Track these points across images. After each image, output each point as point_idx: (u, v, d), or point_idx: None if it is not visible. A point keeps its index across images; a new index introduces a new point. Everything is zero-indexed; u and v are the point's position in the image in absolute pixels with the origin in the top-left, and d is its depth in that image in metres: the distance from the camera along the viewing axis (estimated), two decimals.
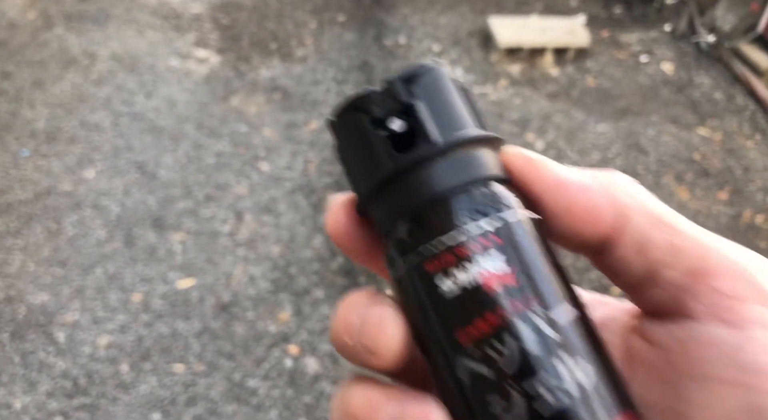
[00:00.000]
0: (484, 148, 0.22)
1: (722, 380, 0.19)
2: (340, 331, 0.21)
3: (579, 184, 0.22)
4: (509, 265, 0.20)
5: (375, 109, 0.21)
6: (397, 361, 0.21)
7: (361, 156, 0.22)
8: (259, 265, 1.56)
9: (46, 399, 1.26)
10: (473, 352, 0.19)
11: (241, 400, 1.29)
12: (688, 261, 0.20)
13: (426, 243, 0.20)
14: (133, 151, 1.87)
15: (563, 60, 2.42)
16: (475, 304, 0.19)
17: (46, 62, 2.20)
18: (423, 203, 0.21)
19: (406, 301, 0.21)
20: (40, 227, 1.61)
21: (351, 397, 0.21)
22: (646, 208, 0.21)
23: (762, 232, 1.76)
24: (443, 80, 0.22)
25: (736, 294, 0.20)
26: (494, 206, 0.20)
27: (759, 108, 2.21)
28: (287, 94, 2.15)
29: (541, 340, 0.19)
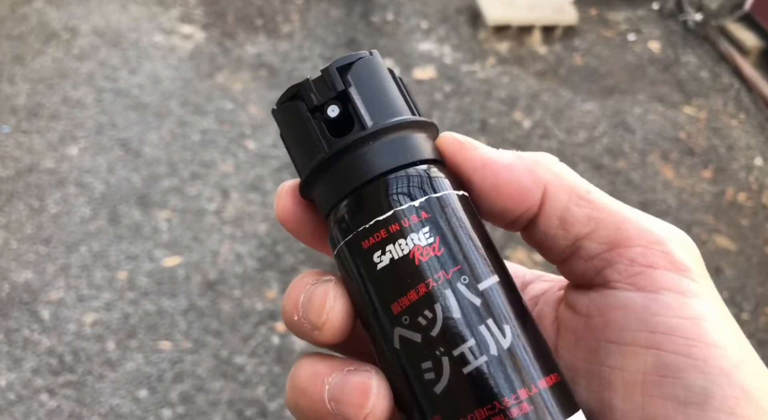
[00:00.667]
0: (416, 132, 0.23)
1: (635, 343, 0.21)
2: (289, 308, 0.22)
3: (503, 163, 0.23)
4: (435, 237, 0.21)
5: (312, 96, 0.22)
6: (340, 335, 0.22)
7: (301, 142, 0.23)
8: (246, 244, 1.55)
9: (32, 376, 1.26)
10: (405, 320, 0.20)
11: (228, 377, 1.29)
12: (605, 233, 0.22)
13: (361, 221, 0.21)
14: (117, 128, 1.84)
15: (551, 38, 2.41)
16: (405, 275, 0.20)
17: (26, 36, 2.16)
18: (357, 185, 0.22)
19: (347, 277, 0.22)
20: (23, 205, 1.59)
21: (299, 371, 0.22)
22: (567, 184, 0.23)
23: (744, 210, 1.78)
24: (377, 68, 0.23)
25: (649, 262, 0.21)
26: (424, 186, 0.21)
27: (744, 87, 2.22)
28: (273, 71, 2.13)
29: (463, 305, 0.20)
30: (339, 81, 0.22)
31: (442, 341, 0.20)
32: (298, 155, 0.24)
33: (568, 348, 0.23)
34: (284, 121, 0.24)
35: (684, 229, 0.24)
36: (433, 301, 0.20)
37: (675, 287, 0.21)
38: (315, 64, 2.18)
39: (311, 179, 0.23)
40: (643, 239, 0.21)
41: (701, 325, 0.20)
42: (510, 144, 1.92)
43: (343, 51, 2.26)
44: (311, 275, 0.23)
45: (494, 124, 1.99)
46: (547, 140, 1.95)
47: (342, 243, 0.22)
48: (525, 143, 1.93)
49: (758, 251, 1.67)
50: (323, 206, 0.23)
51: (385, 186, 0.21)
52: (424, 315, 0.20)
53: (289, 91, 0.23)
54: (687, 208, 1.75)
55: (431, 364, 0.20)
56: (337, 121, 0.22)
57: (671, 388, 0.20)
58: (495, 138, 1.93)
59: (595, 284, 0.22)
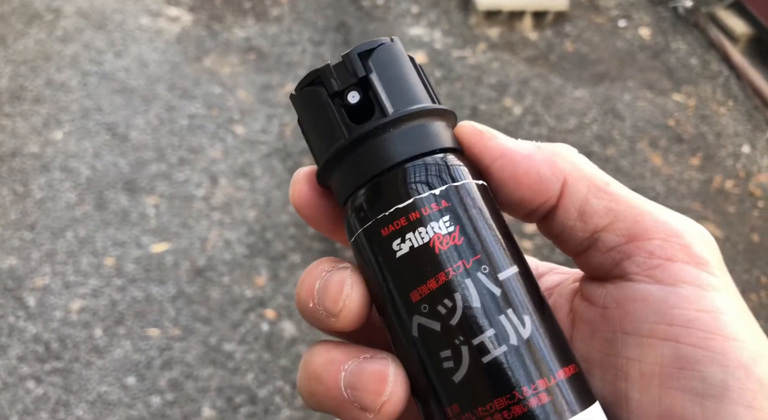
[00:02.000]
0: (436, 120, 0.23)
1: (653, 335, 0.21)
2: (304, 295, 0.22)
3: (523, 153, 0.23)
4: (456, 226, 0.21)
5: (332, 82, 0.22)
6: (356, 322, 0.22)
7: (320, 128, 0.23)
8: (235, 230, 1.54)
9: (18, 363, 1.25)
10: (424, 308, 0.20)
11: (217, 364, 1.29)
12: (623, 225, 0.22)
13: (380, 209, 0.21)
14: (103, 113, 1.81)
15: (542, 24, 2.40)
16: (424, 263, 0.20)
17: (7, 17, 2.11)
18: (377, 172, 0.22)
19: (364, 265, 0.22)
20: (7, 190, 1.57)
21: (313, 357, 0.22)
22: (586, 175, 0.23)
23: (731, 197, 1.79)
24: (398, 55, 0.23)
25: (667, 255, 0.21)
26: (444, 174, 0.21)
27: (733, 74, 2.23)
28: (262, 55, 2.10)
29: (483, 294, 0.20)
30: (360, 67, 0.22)
31: (461, 330, 0.20)
32: (316, 141, 0.23)
33: (583, 339, 0.23)
34: (303, 106, 0.24)
35: None
36: (453, 290, 0.20)
37: (693, 280, 0.21)
38: (304, 48, 2.16)
39: (330, 165, 0.23)
40: (662, 232, 0.21)
41: (720, 318, 0.20)
42: (500, 131, 1.91)
43: (333, 35, 2.23)
44: (327, 262, 0.23)
45: (484, 110, 1.98)
46: (538, 127, 1.95)
47: (360, 230, 0.22)
48: (515, 130, 1.93)
49: (744, 238, 1.68)
50: (341, 193, 0.23)
51: (405, 174, 0.21)
52: (444, 304, 0.20)
53: (309, 76, 0.23)
54: (675, 195, 1.76)
55: (450, 352, 0.20)
56: (357, 107, 0.22)
57: (689, 381, 0.20)
58: (485, 124, 1.92)
59: (613, 276, 0.22)
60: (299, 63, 2.08)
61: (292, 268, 1.47)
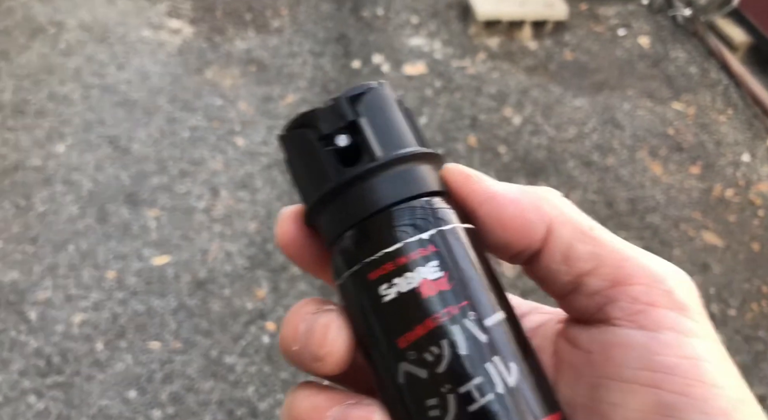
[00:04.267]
0: (424, 164, 0.23)
1: (636, 381, 0.21)
2: (288, 337, 0.22)
3: (509, 197, 0.23)
4: (443, 271, 0.21)
5: (322, 125, 0.22)
6: (341, 367, 0.22)
7: (309, 169, 0.23)
8: (236, 242, 1.55)
9: (19, 378, 1.25)
10: (410, 355, 0.20)
11: (218, 377, 1.29)
12: (608, 270, 0.22)
13: (368, 253, 0.21)
14: (105, 125, 1.82)
15: (541, 33, 2.41)
16: (412, 309, 0.20)
17: (11, 31, 2.13)
18: (365, 215, 0.22)
19: (350, 308, 0.22)
20: (9, 203, 1.58)
21: (296, 402, 0.22)
22: (571, 220, 0.23)
23: (731, 206, 1.79)
24: (386, 99, 0.23)
25: (650, 300, 0.21)
26: (431, 218, 0.21)
27: (732, 82, 2.23)
28: (263, 67, 2.11)
29: (470, 342, 0.20)
30: (350, 111, 0.23)
31: (448, 378, 0.20)
32: (304, 182, 0.24)
33: (568, 383, 0.23)
34: (291, 147, 0.24)
35: (672, 225, 0.24)
36: (441, 337, 0.20)
37: (675, 326, 0.21)
38: (305, 59, 2.17)
39: (317, 207, 0.23)
40: (645, 277, 0.22)
41: (701, 365, 0.20)
42: (500, 141, 1.92)
43: (334, 46, 2.25)
44: (311, 303, 0.22)
45: (484, 120, 1.99)
46: (537, 137, 1.95)
47: (347, 273, 0.22)
48: (515, 140, 1.93)
49: (745, 247, 1.68)
50: (328, 235, 0.23)
51: (392, 217, 0.21)
52: (431, 351, 0.20)
53: (299, 119, 0.23)
54: (675, 205, 1.76)
55: (437, 401, 0.20)
56: (345, 150, 0.23)
57: None
58: (485, 135, 1.93)
59: (597, 320, 0.23)
60: (300, 74, 2.10)
61: (292, 279, 1.48)
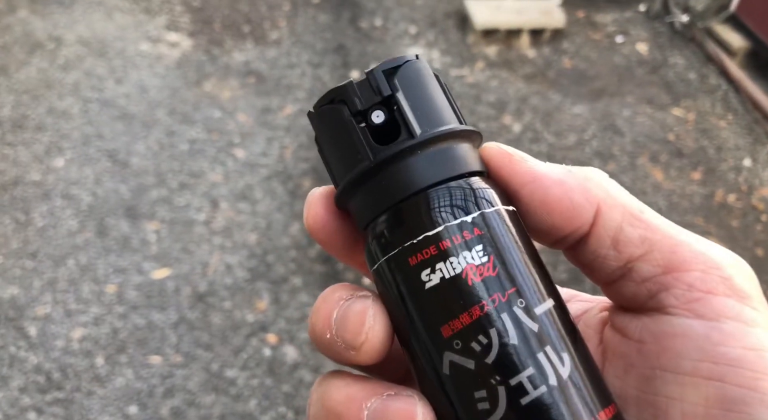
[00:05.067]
0: (464, 142, 0.22)
1: (696, 373, 0.20)
2: (319, 325, 0.20)
3: (555, 178, 0.22)
4: (488, 256, 0.19)
5: (356, 100, 0.21)
6: (379, 356, 0.20)
7: (341, 148, 0.22)
8: (236, 254, 1.54)
9: (19, 394, 1.24)
10: (456, 344, 0.19)
11: (219, 391, 1.28)
12: (660, 255, 0.21)
13: (407, 236, 0.20)
14: (104, 139, 1.82)
15: (539, 41, 2.41)
16: (457, 295, 0.19)
17: (10, 47, 2.13)
18: (403, 196, 0.20)
19: (388, 295, 0.21)
20: (8, 218, 1.57)
21: (330, 392, 0.20)
22: (620, 202, 0.22)
23: (734, 212, 1.78)
24: (424, 73, 0.22)
25: (708, 288, 0.20)
26: (474, 200, 0.20)
27: (731, 88, 2.23)
28: (261, 78, 2.11)
29: (520, 330, 0.19)
30: (386, 85, 0.21)
31: (498, 369, 0.19)
32: (336, 162, 0.22)
33: (617, 374, 0.22)
34: (323, 125, 0.22)
35: None
36: (489, 325, 0.19)
37: (736, 315, 0.20)
38: (303, 70, 2.17)
39: (351, 188, 0.21)
40: (701, 263, 0.21)
41: (766, 356, 0.19)
42: None
43: (332, 57, 2.25)
44: (343, 289, 0.21)
45: (484, 128, 1.99)
46: (537, 144, 1.95)
47: (384, 258, 0.21)
48: (515, 147, 1.92)
49: (748, 253, 1.67)
50: (362, 217, 0.22)
51: (434, 199, 0.20)
52: (479, 340, 0.19)
53: (330, 94, 0.22)
54: (677, 211, 1.75)
55: (485, 393, 0.19)
56: (380, 127, 0.21)
57: None
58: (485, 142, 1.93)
59: (648, 308, 0.21)
60: (298, 85, 2.10)
61: (293, 291, 1.47)
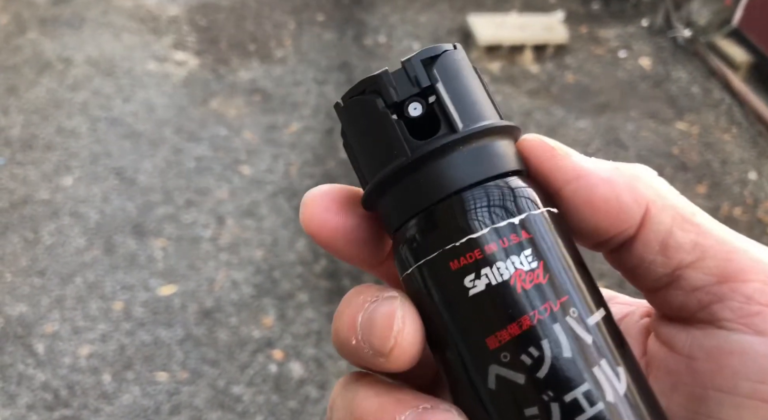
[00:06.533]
0: (505, 139, 0.20)
1: (755, 396, 0.18)
2: (344, 330, 0.19)
3: (601, 176, 0.20)
4: (539, 262, 0.18)
5: (391, 91, 0.20)
6: (410, 363, 0.19)
7: (374, 143, 0.20)
8: (242, 270, 1.54)
9: (27, 412, 1.25)
10: (504, 357, 0.18)
11: (225, 407, 1.28)
12: (713, 263, 0.19)
13: (448, 239, 0.19)
14: (112, 157, 1.84)
15: (543, 56, 2.43)
16: (504, 304, 0.18)
17: (20, 67, 2.17)
18: (444, 196, 0.19)
19: (422, 301, 0.19)
20: (17, 237, 1.59)
21: (359, 401, 0.19)
22: (671, 204, 0.20)
23: (740, 225, 1.78)
24: (463, 63, 0.21)
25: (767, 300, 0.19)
26: (518, 201, 0.19)
27: (735, 101, 2.24)
28: (267, 96, 2.14)
29: (574, 343, 0.18)
30: (424, 75, 0.20)
31: (550, 384, 0.17)
32: (367, 158, 0.20)
33: (663, 391, 0.20)
34: (353, 117, 0.21)
35: None
36: (540, 336, 0.17)
37: None
38: (309, 88, 2.19)
39: (383, 186, 0.20)
40: (761, 273, 0.19)
41: None
42: None
43: (337, 74, 2.27)
44: (369, 289, 0.19)
45: None
46: None
47: (421, 262, 0.19)
48: None
49: None
50: (395, 218, 0.20)
51: (479, 199, 0.19)
52: (529, 353, 0.17)
53: (363, 84, 0.20)
54: None
55: (537, 410, 0.17)
56: (418, 121, 0.20)
57: None
58: None
59: (699, 320, 0.20)
60: (304, 103, 2.12)
61: (299, 307, 1.47)
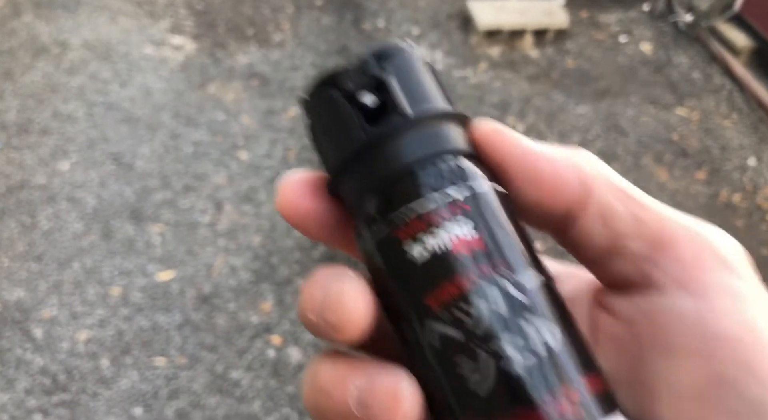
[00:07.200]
0: (453, 124, 0.22)
1: (687, 351, 0.20)
2: (304, 307, 0.21)
3: (545, 155, 0.22)
4: (477, 231, 0.20)
5: (348, 83, 0.22)
6: (361, 335, 0.20)
7: (334, 131, 0.22)
8: (240, 256, 1.54)
9: (25, 396, 1.25)
10: (443, 315, 0.19)
11: (224, 392, 1.28)
12: (650, 232, 0.21)
13: (396, 211, 0.20)
14: (109, 142, 1.83)
15: (543, 42, 2.41)
16: (444, 268, 0.20)
17: (15, 51, 2.15)
18: (393, 174, 0.21)
19: (376, 271, 0.21)
20: (14, 222, 1.58)
21: (319, 371, 0.21)
22: (610, 180, 0.22)
23: (739, 211, 1.78)
24: (414, 59, 0.23)
25: (699, 263, 0.20)
26: (462, 177, 0.21)
27: (735, 87, 2.22)
28: (265, 81, 2.12)
29: (508, 302, 0.19)
30: (377, 68, 0.22)
31: (484, 339, 0.19)
32: (328, 145, 0.23)
33: (609, 357, 0.22)
34: (315, 109, 0.23)
35: None
36: (478, 296, 0.19)
37: (729, 291, 0.20)
38: (307, 72, 2.18)
39: (344, 169, 0.22)
40: (691, 239, 0.20)
41: (758, 332, 0.19)
42: None
43: (335, 59, 2.25)
44: (328, 271, 0.21)
45: None
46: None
47: (372, 234, 0.21)
48: None
49: (754, 252, 1.66)
50: (353, 197, 0.22)
51: (422, 175, 0.21)
52: (466, 311, 0.19)
53: (322, 78, 0.22)
54: (681, 211, 1.74)
55: (472, 362, 0.19)
56: (372, 110, 0.22)
57: (726, 399, 0.19)
58: None
59: (638, 286, 0.21)
60: (302, 87, 2.10)
61: (297, 292, 1.47)
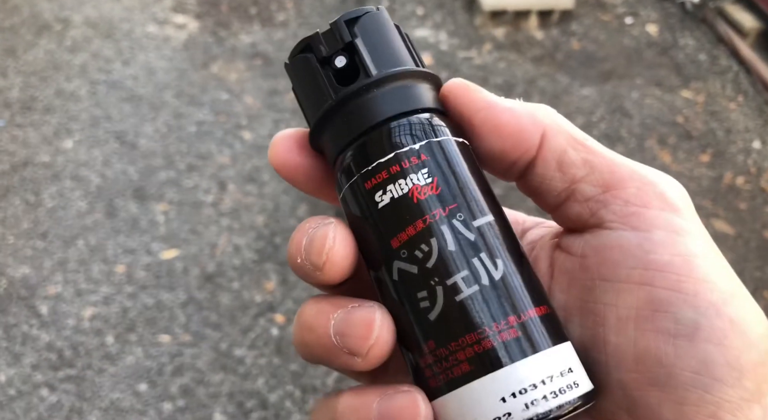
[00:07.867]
0: (419, 82, 0.24)
1: (629, 280, 0.21)
2: (293, 251, 0.23)
3: (506, 106, 0.24)
4: (433, 178, 0.22)
5: (321, 48, 0.24)
6: (341, 274, 0.23)
7: (311, 93, 0.24)
8: (244, 235, 1.55)
9: (32, 371, 1.26)
10: (403, 253, 0.22)
11: (228, 369, 1.29)
12: (600, 176, 0.23)
13: (364, 164, 0.23)
14: (112, 121, 1.83)
15: (548, 23, 2.39)
16: (404, 212, 0.22)
17: (17, 28, 2.13)
18: (362, 130, 0.23)
19: (351, 218, 0.24)
20: (19, 199, 1.59)
21: (305, 310, 0.23)
22: (565, 129, 0.24)
23: (742, 194, 1.77)
24: (383, 22, 0.24)
25: (642, 202, 0.22)
26: (424, 130, 0.23)
27: (742, 69, 2.21)
28: (268, 60, 2.11)
29: (458, 239, 0.21)
30: (346, 32, 0.23)
31: (436, 272, 0.21)
32: (307, 106, 0.25)
33: (562, 289, 0.24)
34: (295, 73, 0.25)
35: None
36: (430, 235, 0.21)
37: (667, 226, 0.22)
38: None
39: (319, 127, 0.24)
40: (637, 181, 0.22)
41: (692, 261, 0.21)
42: None
43: None
44: (314, 220, 0.23)
45: None
46: None
47: (346, 185, 0.23)
48: None
49: (756, 235, 1.66)
50: (330, 153, 0.24)
51: (387, 131, 0.23)
52: (421, 248, 0.21)
53: (300, 45, 0.24)
54: None
55: (426, 293, 0.21)
56: (345, 71, 0.23)
57: (662, 322, 0.20)
58: None
59: (590, 225, 0.23)
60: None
61: None
